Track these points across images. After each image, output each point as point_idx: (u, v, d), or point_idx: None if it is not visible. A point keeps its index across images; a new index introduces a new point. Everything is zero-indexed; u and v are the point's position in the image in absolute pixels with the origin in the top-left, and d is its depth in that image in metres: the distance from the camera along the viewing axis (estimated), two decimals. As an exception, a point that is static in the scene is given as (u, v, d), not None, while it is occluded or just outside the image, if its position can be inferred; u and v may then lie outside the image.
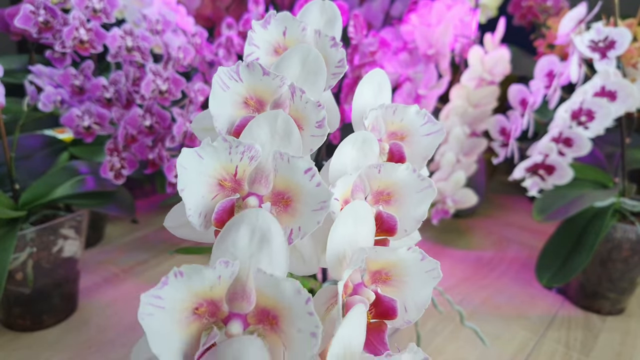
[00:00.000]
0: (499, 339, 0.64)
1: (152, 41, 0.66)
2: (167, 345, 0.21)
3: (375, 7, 1.03)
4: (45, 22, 0.59)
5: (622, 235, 0.65)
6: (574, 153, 0.65)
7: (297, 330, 0.21)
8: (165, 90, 0.65)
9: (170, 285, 0.21)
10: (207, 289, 0.22)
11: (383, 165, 0.30)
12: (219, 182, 0.26)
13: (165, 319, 0.21)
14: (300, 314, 0.21)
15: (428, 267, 0.27)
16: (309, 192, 0.25)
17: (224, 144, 0.25)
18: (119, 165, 0.65)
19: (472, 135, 0.85)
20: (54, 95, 0.63)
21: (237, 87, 0.29)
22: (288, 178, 0.26)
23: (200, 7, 0.97)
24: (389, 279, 0.27)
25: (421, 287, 0.27)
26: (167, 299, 0.21)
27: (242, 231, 0.23)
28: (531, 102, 0.68)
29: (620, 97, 0.61)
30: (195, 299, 0.22)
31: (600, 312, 0.70)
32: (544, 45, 0.83)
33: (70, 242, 0.63)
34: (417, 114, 0.33)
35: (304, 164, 0.25)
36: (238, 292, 0.22)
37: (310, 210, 0.25)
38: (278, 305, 0.22)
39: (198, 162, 0.25)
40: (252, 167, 0.26)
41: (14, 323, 0.63)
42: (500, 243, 0.93)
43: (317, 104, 0.28)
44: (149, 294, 0.21)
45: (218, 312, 0.22)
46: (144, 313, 0.20)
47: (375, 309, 0.27)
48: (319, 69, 0.31)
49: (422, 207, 0.30)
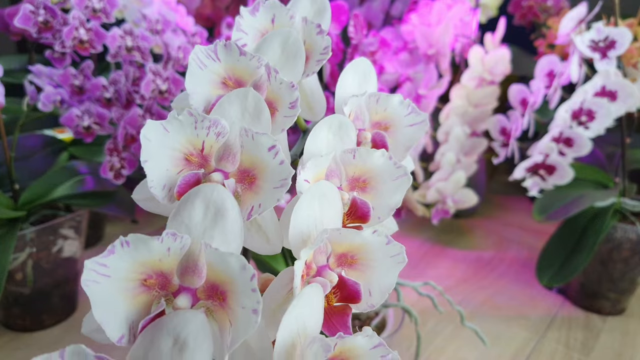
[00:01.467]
0: (499, 339, 0.64)
1: (152, 41, 0.66)
2: (111, 313, 0.21)
3: (376, 7, 1.03)
4: (45, 22, 0.59)
5: (623, 235, 0.65)
6: (574, 153, 0.65)
7: (241, 307, 0.21)
8: (165, 90, 0.65)
9: (117, 254, 0.21)
10: (156, 260, 0.22)
11: (358, 150, 0.30)
12: (185, 157, 0.26)
13: (111, 288, 0.21)
14: (244, 290, 0.21)
15: (393, 252, 0.27)
16: (272, 170, 0.25)
17: (189, 118, 0.25)
18: (118, 165, 0.65)
19: (473, 135, 0.84)
20: (53, 95, 0.63)
21: (214, 66, 0.29)
22: (253, 155, 0.26)
23: (200, 7, 0.97)
24: (354, 262, 0.27)
25: (386, 271, 0.27)
26: (112, 268, 0.21)
27: (197, 205, 0.23)
28: (531, 102, 0.68)
29: (621, 97, 0.61)
30: (143, 269, 0.22)
31: (600, 312, 0.70)
32: (544, 45, 0.83)
33: (70, 242, 0.63)
34: (400, 103, 0.33)
35: (268, 140, 0.25)
36: (190, 266, 0.22)
37: (271, 187, 0.25)
38: (226, 281, 0.22)
39: (163, 134, 0.25)
40: (220, 143, 0.26)
41: (13, 323, 0.63)
42: (501, 243, 0.92)
43: (291, 84, 0.29)
44: (93, 261, 0.20)
45: (168, 285, 0.22)
46: (88, 280, 0.20)
47: (340, 292, 0.26)
48: (298, 52, 0.31)
49: (397, 195, 0.30)
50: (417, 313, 0.53)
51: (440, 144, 0.83)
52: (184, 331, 0.20)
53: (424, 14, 0.81)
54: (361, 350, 0.24)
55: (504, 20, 0.84)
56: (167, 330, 0.20)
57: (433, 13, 0.80)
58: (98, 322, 0.21)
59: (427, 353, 0.62)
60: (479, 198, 0.88)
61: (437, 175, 0.83)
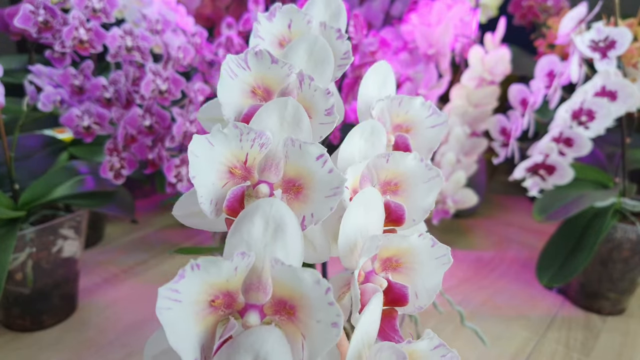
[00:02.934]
0: (499, 339, 0.64)
1: (151, 41, 0.66)
2: (185, 338, 0.21)
3: (376, 7, 1.03)
4: (45, 22, 0.59)
5: (623, 236, 0.65)
6: (574, 153, 0.65)
7: (317, 321, 0.21)
8: (165, 90, 0.65)
9: (187, 278, 0.21)
10: (224, 280, 0.22)
11: (391, 154, 0.30)
12: (229, 170, 0.26)
13: (183, 313, 0.21)
14: (319, 305, 0.21)
15: (439, 253, 0.27)
16: (321, 179, 0.25)
17: (234, 130, 0.25)
18: (118, 165, 0.65)
19: (473, 135, 0.84)
20: (53, 95, 0.63)
21: (245, 75, 0.29)
22: (299, 165, 0.26)
23: (200, 7, 0.97)
24: (399, 266, 0.27)
25: (432, 273, 0.27)
26: (184, 292, 0.21)
27: (256, 221, 0.23)
28: (531, 102, 0.68)
29: (621, 97, 0.61)
30: (212, 290, 0.22)
31: (600, 312, 0.70)
32: (544, 45, 0.83)
33: (69, 242, 0.63)
34: (422, 105, 0.33)
35: (316, 149, 0.25)
36: (254, 282, 0.22)
37: (322, 196, 0.25)
38: (296, 296, 0.22)
39: (209, 149, 0.25)
40: (263, 154, 0.26)
41: (13, 323, 0.63)
42: (501, 243, 0.92)
43: (326, 91, 0.28)
44: (166, 288, 0.20)
45: (234, 304, 0.22)
46: (162, 307, 0.20)
47: (387, 296, 0.26)
48: (327, 57, 0.31)
49: (430, 197, 0.30)
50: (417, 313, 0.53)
51: (441, 144, 0.83)
52: (263, 348, 0.20)
53: (424, 14, 0.81)
54: (423, 352, 0.24)
55: (504, 20, 0.84)
56: (244, 348, 0.20)
57: (433, 13, 0.80)
58: (173, 348, 0.20)
59: (427, 353, 0.61)
60: (479, 198, 0.88)
61: (437, 175, 0.82)
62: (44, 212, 0.63)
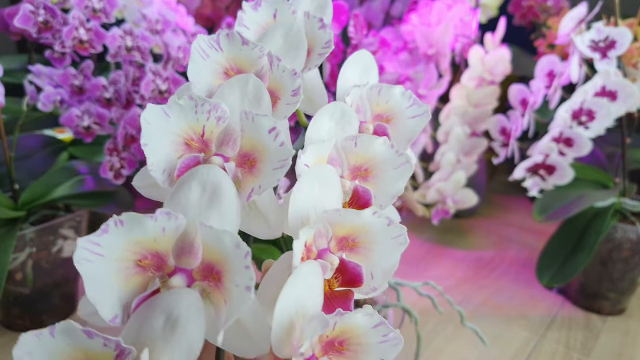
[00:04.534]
0: (499, 339, 0.64)
1: (151, 41, 0.66)
2: (105, 293, 0.21)
3: (376, 7, 1.03)
4: (45, 22, 0.59)
5: (623, 236, 0.65)
6: (574, 153, 0.65)
7: (235, 285, 0.21)
8: (165, 90, 0.65)
9: (110, 234, 0.21)
10: (151, 240, 0.21)
11: (359, 137, 0.29)
12: (185, 142, 0.26)
13: (104, 268, 0.21)
14: (238, 268, 0.21)
15: (395, 233, 0.26)
16: (273, 152, 0.25)
17: (190, 102, 0.25)
18: (118, 165, 0.65)
19: (473, 135, 0.84)
20: (53, 95, 0.63)
21: (217, 56, 0.29)
22: (253, 138, 0.26)
23: (200, 7, 0.97)
24: (355, 245, 0.27)
25: (388, 253, 0.27)
26: (106, 247, 0.20)
27: (193, 186, 0.23)
28: (531, 102, 0.68)
29: (621, 97, 0.61)
30: (138, 249, 0.21)
31: (600, 312, 0.70)
32: (544, 45, 0.83)
33: (69, 243, 0.63)
34: (402, 95, 0.33)
35: (268, 122, 0.25)
36: (185, 247, 0.22)
37: (271, 168, 0.25)
38: (221, 260, 0.21)
39: (164, 119, 0.25)
40: (220, 128, 0.26)
41: (13, 323, 0.63)
42: (501, 243, 0.92)
43: (293, 71, 0.29)
44: (86, 239, 0.20)
45: (164, 266, 0.22)
46: (80, 258, 0.20)
47: (341, 276, 0.26)
48: (300, 43, 0.31)
49: (399, 183, 0.30)
50: (417, 313, 0.53)
51: (440, 144, 0.83)
52: (176, 308, 0.20)
53: (424, 14, 0.81)
54: (362, 329, 0.23)
55: (504, 20, 0.84)
56: (160, 308, 0.20)
57: (433, 13, 0.80)
58: (91, 301, 0.20)
59: (427, 353, 0.62)
60: (479, 198, 0.88)
61: (437, 175, 0.83)
62: (44, 212, 0.63)
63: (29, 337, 0.19)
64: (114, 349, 0.19)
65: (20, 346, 0.19)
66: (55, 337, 0.19)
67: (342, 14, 0.78)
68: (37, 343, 0.19)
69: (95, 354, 0.19)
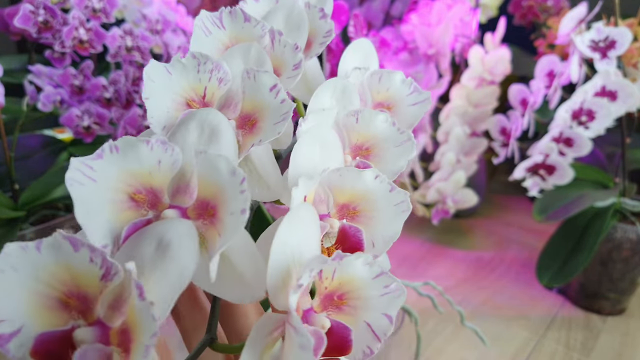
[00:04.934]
0: (499, 339, 0.64)
1: (151, 41, 0.66)
2: (95, 219, 0.20)
3: (376, 7, 1.03)
4: (45, 22, 0.59)
5: (623, 236, 0.65)
6: (574, 153, 0.65)
7: (230, 213, 0.20)
8: (165, 90, 0.65)
9: (105, 160, 0.20)
10: (146, 172, 0.21)
11: (360, 112, 0.29)
12: (186, 102, 0.26)
13: (96, 193, 0.20)
14: (233, 194, 0.20)
15: (397, 199, 0.25)
16: (274, 109, 0.25)
17: (192, 60, 0.25)
18: (118, 165, 0.65)
19: (473, 135, 0.84)
20: (53, 95, 0.63)
21: (219, 33, 0.29)
22: (254, 98, 0.26)
23: (200, 7, 0.97)
24: (356, 214, 0.26)
25: (390, 220, 0.26)
26: (99, 173, 0.20)
27: (191, 127, 0.23)
28: (531, 102, 0.68)
29: (621, 97, 0.61)
30: (132, 181, 0.21)
31: (600, 312, 0.70)
32: (544, 45, 0.83)
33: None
34: (403, 82, 0.32)
35: (270, 79, 0.25)
36: (181, 185, 0.22)
37: (272, 123, 0.25)
38: (216, 191, 0.21)
39: (166, 77, 0.25)
40: (222, 91, 0.26)
41: (13, 323, 0.63)
42: (501, 243, 0.92)
43: (295, 46, 0.28)
44: (80, 160, 0.19)
45: (158, 204, 0.21)
46: (73, 179, 0.19)
47: (342, 244, 0.25)
48: (302, 24, 0.31)
49: (401, 161, 0.29)
50: (417, 313, 0.53)
51: (440, 144, 0.83)
52: (168, 234, 0.19)
53: (424, 14, 0.81)
54: (362, 281, 0.22)
55: (504, 20, 0.84)
56: (151, 235, 0.20)
57: (433, 13, 0.80)
58: (80, 224, 0.20)
59: (427, 353, 0.62)
60: (479, 198, 0.88)
61: (437, 175, 0.83)
62: (43, 212, 0.63)
63: (14, 248, 0.17)
64: (100, 265, 0.18)
65: (4, 257, 0.17)
66: (42, 252, 0.18)
67: (342, 14, 0.77)
68: (22, 256, 0.17)
69: (81, 273, 0.18)
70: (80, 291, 0.18)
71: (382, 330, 0.22)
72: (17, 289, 0.17)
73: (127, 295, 0.18)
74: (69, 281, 0.18)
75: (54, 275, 0.18)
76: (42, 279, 0.18)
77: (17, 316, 0.17)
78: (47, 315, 0.18)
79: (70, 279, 0.18)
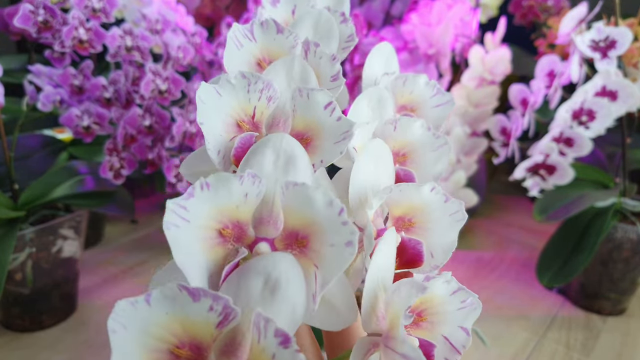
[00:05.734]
0: (500, 339, 0.64)
1: (151, 41, 0.66)
2: (193, 261, 0.20)
3: (376, 7, 1.02)
4: (45, 22, 0.59)
5: (623, 236, 0.65)
6: (574, 153, 0.65)
7: (330, 245, 0.20)
8: (165, 90, 0.65)
9: (196, 198, 0.20)
10: (233, 207, 0.20)
11: (399, 120, 0.29)
12: (236, 123, 0.25)
13: (191, 234, 0.19)
14: (333, 227, 0.20)
15: (452, 209, 0.25)
16: (330, 127, 0.25)
17: (242, 80, 0.24)
18: (118, 165, 0.65)
19: (473, 135, 0.84)
20: (53, 95, 0.63)
21: (250, 46, 0.28)
22: (307, 116, 0.25)
23: (200, 7, 0.97)
24: (412, 225, 0.26)
25: (447, 230, 0.26)
26: (192, 212, 0.19)
27: (267, 153, 0.22)
28: (532, 101, 0.68)
29: (621, 97, 0.61)
30: (221, 217, 0.20)
31: (600, 312, 0.70)
32: (544, 45, 0.83)
33: (69, 243, 0.63)
34: (426, 85, 0.32)
35: (324, 97, 0.25)
36: (264, 216, 0.21)
37: (332, 143, 0.24)
38: (308, 222, 0.20)
39: (216, 98, 0.24)
40: (271, 109, 0.26)
41: (13, 323, 0.63)
42: (501, 243, 0.92)
43: (332, 56, 0.28)
44: (175, 202, 0.19)
45: (244, 237, 0.21)
46: (169, 222, 0.19)
47: (401, 257, 0.25)
48: (332, 30, 0.31)
49: (439, 166, 0.29)
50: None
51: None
52: (275, 270, 0.19)
53: (424, 14, 0.81)
54: (441, 298, 0.22)
55: (504, 20, 0.84)
56: (255, 272, 0.19)
57: (433, 13, 0.80)
58: (180, 267, 0.19)
59: (427, 353, 0.61)
60: (479, 198, 0.88)
61: (437, 175, 0.82)
62: (43, 212, 0.63)
63: (123, 305, 0.17)
64: (220, 312, 0.17)
65: (115, 316, 0.17)
66: (152, 305, 0.17)
67: (342, 14, 0.77)
68: (131, 312, 0.17)
69: (196, 323, 0.17)
70: (193, 341, 0.18)
71: (460, 342, 0.23)
72: (129, 346, 0.17)
73: (241, 339, 0.17)
74: (181, 332, 0.18)
75: (165, 328, 0.17)
76: (153, 334, 0.17)
77: None
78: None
79: (182, 330, 0.18)
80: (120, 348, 0.17)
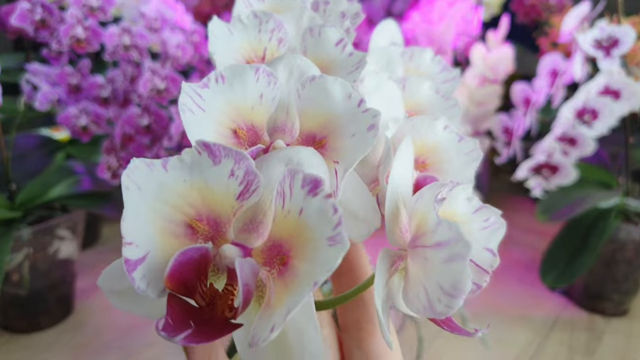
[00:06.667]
0: (502, 341, 0.64)
1: (149, 39, 0.65)
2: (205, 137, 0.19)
3: (377, 5, 1.02)
4: (42, 20, 0.59)
5: (626, 236, 0.65)
6: (577, 153, 0.64)
7: (352, 136, 0.19)
8: (163, 89, 0.64)
9: (211, 89, 0.19)
10: (249, 107, 0.20)
11: (408, 79, 0.28)
12: (247, 62, 0.25)
13: (205, 122, 0.19)
14: (353, 117, 0.19)
15: (467, 148, 0.25)
16: (341, 63, 0.24)
17: (254, 20, 0.24)
18: (116, 165, 0.65)
19: (475, 134, 0.84)
20: (50, 94, 0.62)
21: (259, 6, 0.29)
22: (319, 54, 0.25)
23: (199, 5, 0.96)
24: (426, 167, 0.26)
25: (462, 169, 0.25)
26: (207, 102, 0.19)
27: (280, 69, 0.22)
28: (534, 100, 0.67)
29: (624, 96, 0.60)
30: (236, 116, 0.20)
31: (604, 313, 0.70)
32: (547, 43, 0.83)
33: (66, 243, 0.62)
34: (432, 60, 0.32)
35: (336, 34, 0.24)
36: (279, 123, 0.21)
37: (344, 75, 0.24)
38: (327, 119, 0.20)
39: (228, 35, 0.24)
40: (281, 52, 0.26)
41: (10, 325, 0.63)
42: (504, 244, 0.91)
43: (342, 13, 0.28)
44: (191, 86, 0.19)
45: (259, 141, 0.21)
46: (184, 105, 0.18)
47: None
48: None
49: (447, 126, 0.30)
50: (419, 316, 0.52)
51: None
52: (296, 156, 0.19)
53: (425, 12, 0.80)
54: (464, 216, 0.22)
55: (506, 18, 0.83)
56: (277, 159, 0.18)
57: (435, 11, 0.79)
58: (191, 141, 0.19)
59: (429, 355, 0.61)
60: (482, 198, 0.87)
61: (438, 175, 0.82)
62: (40, 212, 0.63)
63: (138, 164, 0.16)
64: (241, 180, 0.16)
65: (128, 173, 0.16)
66: (169, 171, 0.16)
67: (343, 12, 0.77)
68: (146, 174, 0.16)
69: (215, 192, 0.17)
70: (211, 214, 0.17)
71: (487, 263, 0.23)
72: (142, 209, 0.16)
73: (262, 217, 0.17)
74: (200, 203, 0.17)
75: (183, 196, 0.17)
76: (169, 201, 0.16)
77: (144, 240, 0.16)
78: (174, 243, 0.16)
79: (201, 201, 0.17)
80: (133, 207, 0.16)
